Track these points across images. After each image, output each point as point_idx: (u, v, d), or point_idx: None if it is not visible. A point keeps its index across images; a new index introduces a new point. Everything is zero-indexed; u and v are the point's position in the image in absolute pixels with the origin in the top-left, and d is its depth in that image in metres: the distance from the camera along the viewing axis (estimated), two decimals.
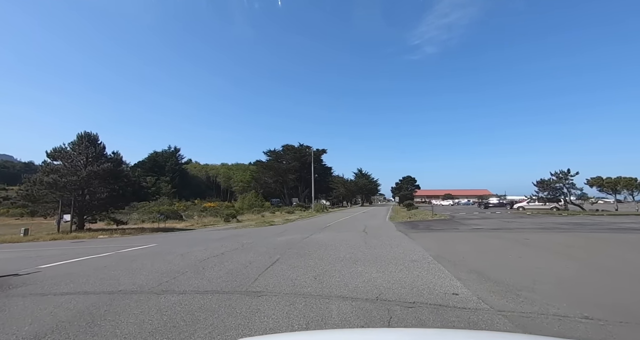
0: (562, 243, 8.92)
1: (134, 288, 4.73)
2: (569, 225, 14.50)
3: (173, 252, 8.73)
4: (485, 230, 13.32)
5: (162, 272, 5.85)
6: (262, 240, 11.39)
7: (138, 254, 8.77)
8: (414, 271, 5.53)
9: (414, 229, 14.60)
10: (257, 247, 9.38)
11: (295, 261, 6.73)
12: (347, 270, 5.74)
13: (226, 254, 8.01)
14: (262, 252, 8.18)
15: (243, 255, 7.82)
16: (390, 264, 6.26)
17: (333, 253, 7.80)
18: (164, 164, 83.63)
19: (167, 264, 6.78)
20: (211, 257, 7.57)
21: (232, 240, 11.81)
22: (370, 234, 12.58)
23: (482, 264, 6.18)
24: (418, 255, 7.20)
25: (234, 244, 10.39)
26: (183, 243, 11.66)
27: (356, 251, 8.07)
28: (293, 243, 10.04)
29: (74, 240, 15.07)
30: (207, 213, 41.90)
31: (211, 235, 14.85)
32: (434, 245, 9.09)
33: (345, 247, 8.91)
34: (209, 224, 27.08)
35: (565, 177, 25.08)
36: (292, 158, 69.87)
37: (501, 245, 8.73)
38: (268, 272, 5.64)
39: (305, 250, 8.33)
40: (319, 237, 11.84)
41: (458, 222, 17.76)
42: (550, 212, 25.56)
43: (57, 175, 17.13)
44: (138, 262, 7.15)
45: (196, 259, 7.32)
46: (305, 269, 5.86)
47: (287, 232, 14.76)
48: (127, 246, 11.11)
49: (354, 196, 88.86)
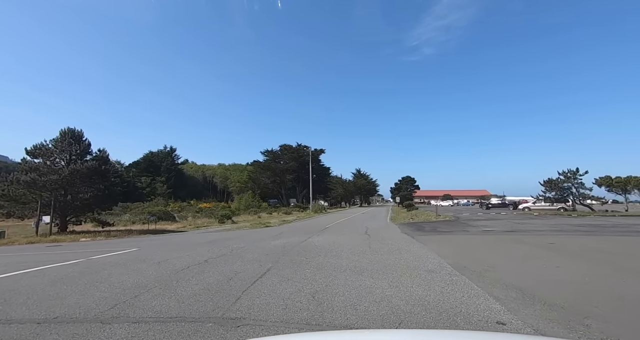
0: (596, 248, 7.89)
1: (76, 313, 3.64)
2: (587, 227, 13.50)
3: (150, 259, 7.63)
4: (498, 232, 12.29)
5: (125, 288, 4.75)
6: (255, 244, 10.30)
7: (110, 261, 7.66)
8: (434, 286, 4.47)
9: (419, 231, 13.55)
10: (248, 252, 8.29)
11: (290, 272, 5.66)
12: (353, 284, 4.68)
13: (210, 262, 6.93)
14: (252, 260, 7.10)
15: (229, 263, 6.74)
16: (403, 275, 5.21)
17: (334, 260, 6.74)
18: (159, 164, 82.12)
19: (136, 276, 5.68)
20: (192, 266, 6.49)
21: (221, 244, 10.71)
22: (374, 236, 11.52)
23: (515, 275, 5.12)
24: (434, 264, 6.15)
25: (222, 248, 9.30)
26: (167, 247, 10.56)
27: (360, 258, 7.01)
28: (288, 248, 8.97)
29: (51, 243, 13.91)
30: (202, 214, 40.70)
31: (200, 238, 13.74)
32: (447, 250, 8.05)
33: (347, 252, 7.85)
34: (202, 225, 25.92)
35: (574, 177, 24.13)
36: (290, 158, 68.68)
37: (527, 252, 7.68)
38: (255, 288, 4.57)
39: (302, 257, 7.26)
40: (318, 240, 10.78)
41: (465, 224, 16.74)
42: (558, 213, 24.60)
43: (37, 174, 15.94)
44: (104, 273, 6.04)
45: (173, 269, 6.23)
46: (301, 283, 4.80)
47: (283, 234, 13.68)
48: (105, 251, 9.99)
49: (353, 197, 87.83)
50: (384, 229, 14.91)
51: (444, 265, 5.97)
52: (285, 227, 18.83)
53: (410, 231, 13.31)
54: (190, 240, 13.41)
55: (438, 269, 5.64)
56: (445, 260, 6.48)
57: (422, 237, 11.01)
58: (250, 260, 7.11)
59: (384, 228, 15.65)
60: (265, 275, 5.40)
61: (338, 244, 9.51)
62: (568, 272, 5.28)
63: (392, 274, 5.33)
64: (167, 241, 13.28)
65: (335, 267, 6.05)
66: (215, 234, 16.39)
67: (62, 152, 18.14)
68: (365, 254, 7.62)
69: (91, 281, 5.34)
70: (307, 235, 12.81)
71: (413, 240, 10.31)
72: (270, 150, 71.14)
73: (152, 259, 7.75)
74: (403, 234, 12.17)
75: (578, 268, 5.64)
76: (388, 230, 14.47)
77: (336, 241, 10.33)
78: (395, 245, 9.09)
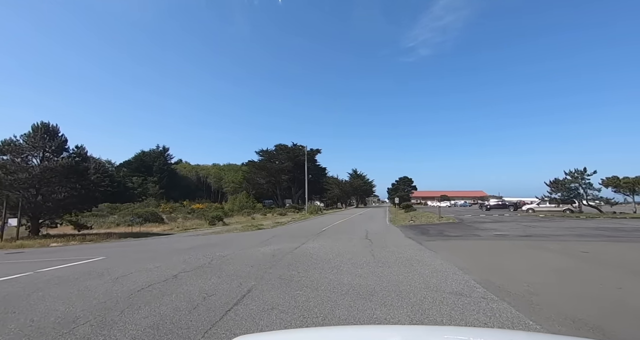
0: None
1: None
2: (608, 231, 12.36)
3: (110, 273, 6.28)
4: (513, 237, 11.09)
5: (39, 327, 3.40)
6: (241, 251, 8.98)
7: (59, 276, 6.29)
8: (475, 322, 3.20)
9: (424, 235, 12.31)
10: (230, 263, 6.98)
11: (276, 295, 4.36)
12: (360, 316, 3.41)
13: (180, 278, 5.60)
14: (232, 274, 5.79)
15: (203, 279, 5.42)
16: (424, 300, 3.94)
17: (332, 276, 5.46)
18: (151, 164, 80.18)
19: (74, 301, 4.34)
20: (155, 284, 5.16)
21: (203, 251, 9.36)
22: (376, 242, 10.26)
23: (574, 303, 3.88)
24: (458, 282, 4.89)
25: (201, 258, 7.96)
26: (139, 255, 9.18)
27: (365, 272, 5.74)
28: (279, 257, 7.67)
29: (14, 250, 12.43)
30: (194, 215, 39.16)
31: (182, 244, 12.36)
32: (465, 260, 6.80)
33: (348, 264, 6.57)
34: (190, 227, 24.48)
35: (582, 177, 23.12)
36: (286, 158, 67.28)
37: (563, 263, 6.46)
38: (225, 323, 3.27)
39: (293, 271, 5.96)
40: (313, 247, 9.48)
41: (472, 227, 15.56)
42: (565, 215, 23.59)
43: (2, 172, 14.42)
44: (33, 297, 4.68)
45: (129, 289, 4.89)
46: (290, 315, 3.50)
47: (275, 239, 12.36)
48: (65, 260, 8.59)
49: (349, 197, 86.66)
50: (386, 233, 13.66)
51: (471, 285, 4.71)
52: (278, 230, 17.50)
53: (414, 235, 12.06)
54: (170, 245, 12.02)
55: (467, 291, 4.37)
56: (471, 276, 5.23)
57: (431, 243, 9.77)
58: (229, 274, 5.80)
59: (385, 231, 14.40)
60: (243, 301, 4.10)
61: (336, 252, 8.23)
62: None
63: (408, 298, 4.06)
64: (143, 247, 11.88)
65: (334, 286, 4.77)
66: (201, 238, 15.00)
67: (35, 148, 16.59)
68: (369, 265, 6.35)
69: (3, 313, 3.98)
70: (301, 240, 11.51)
71: (421, 246, 9.07)
72: (266, 150, 69.76)
73: (113, 272, 6.39)
74: (408, 239, 10.93)
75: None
76: (390, 233, 13.23)
77: (334, 248, 9.05)
78: (403, 253, 7.84)
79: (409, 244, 9.67)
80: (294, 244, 10.14)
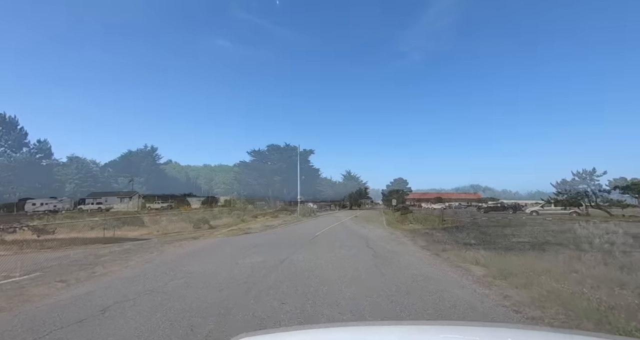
0: None
1: None
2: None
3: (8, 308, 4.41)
4: (552, 247, 9.36)
5: None
6: (215, 265, 7.17)
7: None
8: None
9: (438, 243, 10.49)
10: (193, 287, 5.17)
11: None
12: None
13: (108, 316, 3.77)
14: (188, 309, 3.99)
15: (140, 321, 3.61)
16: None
17: (329, 312, 3.70)
18: (139, 164, 77.43)
19: None
20: (56, 331, 3.33)
21: (168, 264, 7.50)
22: (381, 253, 8.52)
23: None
24: None
25: (160, 276, 6.13)
26: (83, 273, 7.26)
27: (379, 312, 3.99)
28: (259, 277, 5.88)
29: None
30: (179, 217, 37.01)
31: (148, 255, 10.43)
32: (525, 291, 4.99)
33: (349, 290, 4.83)
34: (172, 231, 22.40)
35: (590, 178, 21.88)
36: (278, 159, 65.49)
37: None
38: None
39: (275, 302, 4.18)
40: (304, 259, 7.71)
41: (484, 233, 13.87)
42: (573, 218, 22.25)
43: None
44: None
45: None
46: None
47: (260, 247, 10.55)
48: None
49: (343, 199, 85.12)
50: (389, 240, 11.96)
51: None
52: (266, 235, 15.66)
53: (426, 244, 10.27)
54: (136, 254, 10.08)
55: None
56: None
57: (451, 255, 7.85)
58: (184, 309, 4.00)
59: (388, 238, 12.68)
60: None
61: (333, 270, 6.48)
62: None
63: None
64: (99, 259, 9.91)
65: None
66: (175, 245, 13.04)
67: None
68: (381, 294, 4.61)
69: None
70: (291, 248, 9.73)
71: (440, 259, 7.36)
72: (258, 150, 67.84)
73: (17, 305, 4.53)
74: (418, 248, 9.23)
75: None
76: (395, 242, 11.50)
77: (330, 263, 7.28)
78: (420, 271, 6.13)
79: (424, 258, 7.93)
80: (282, 255, 8.32)
